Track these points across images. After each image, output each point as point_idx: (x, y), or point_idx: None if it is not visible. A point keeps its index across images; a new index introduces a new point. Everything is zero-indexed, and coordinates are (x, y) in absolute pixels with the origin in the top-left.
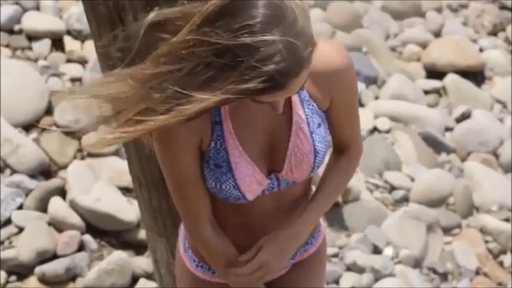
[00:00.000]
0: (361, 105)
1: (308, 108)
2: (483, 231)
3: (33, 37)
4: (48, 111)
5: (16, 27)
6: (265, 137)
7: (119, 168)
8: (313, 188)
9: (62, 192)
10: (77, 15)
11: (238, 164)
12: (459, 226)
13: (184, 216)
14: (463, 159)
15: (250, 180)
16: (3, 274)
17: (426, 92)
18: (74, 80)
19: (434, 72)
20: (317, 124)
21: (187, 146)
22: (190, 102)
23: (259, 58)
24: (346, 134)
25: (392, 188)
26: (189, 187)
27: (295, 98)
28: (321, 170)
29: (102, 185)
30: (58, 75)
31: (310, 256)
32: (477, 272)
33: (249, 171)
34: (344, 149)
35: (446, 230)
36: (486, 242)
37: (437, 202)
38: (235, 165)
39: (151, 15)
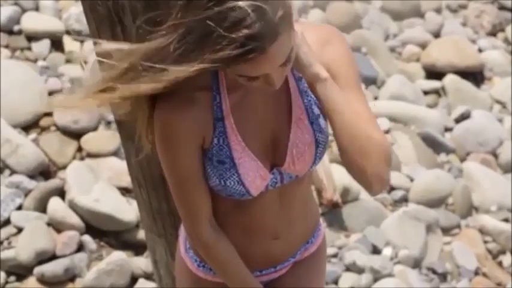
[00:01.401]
0: None
1: (307, 99)
2: (482, 231)
3: (32, 37)
4: (48, 111)
5: (15, 28)
6: (266, 132)
7: (118, 168)
8: (314, 188)
9: (61, 193)
10: (76, 15)
11: (242, 159)
12: (458, 226)
13: (185, 217)
14: (463, 160)
15: (254, 175)
16: (3, 274)
17: (425, 93)
18: (73, 80)
19: (434, 73)
20: (316, 115)
21: (189, 145)
22: (169, 73)
23: (227, 25)
24: None
25: (392, 188)
26: (190, 186)
27: (294, 89)
28: (321, 173)
29: (102, 186)
30: (57, 75)
31: (310, 255)
32: (476, 272)
33: (253, 166)
34: None
35: (446, 230)
36: (485, 242)
37: (436, 202)
38: (239, 161)
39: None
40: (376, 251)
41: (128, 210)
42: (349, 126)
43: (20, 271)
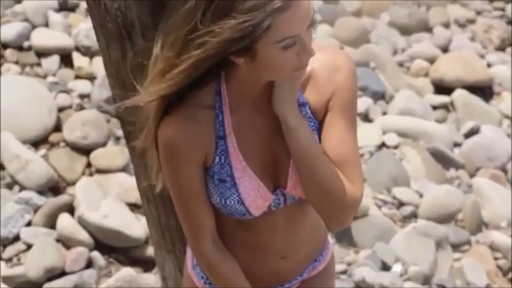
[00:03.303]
0: (369, 120)
1: (309, 125)
2: (492, 247)
3: (42, 53)
4: (57, 127)
5: (25, 44)
6: (268, 153)
7: (127, 184)
8: None
9: (70, 209)
10: (85, 31)
11: (242, 178)
12: (468, 242)
13: (187, 233)
14: (472, 175)
15: (254, 195)
16: None
17: (434, 108)
18: (82, 96)
19: (442, 88)
20: (317, 140)
21: (191, 162)
22: (216, 34)
23: None
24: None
25: (401, 204)
26: (192, 202)
27: None
28: None
29: (110, 202)
30: (67, 91)
31: (318, 273)
32: None
33: (254, 186)
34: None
35: (456, 247)
36: (496, 258)
37: (446, 218)
38: (239, 180)
39: None
40: (385, 267)
41: (136, 226)
42: (316, 176)
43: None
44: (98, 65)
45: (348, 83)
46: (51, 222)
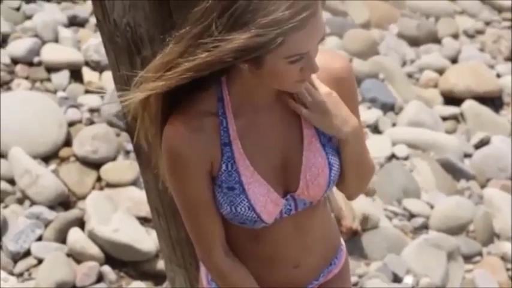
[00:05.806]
0: (379, 132)
1: None
2: (504, 258)
3: (52, 69)
4: (67, 142)
5: (35, 59)
6: (277, 157)
7: (137, 198)
8: (333, 216)
9: (80, 223)
10: (95, 46)
11: (251, 184)
12: (480, 254)
13: (197, 244)
14: (483, 186)
15: (265, 201)
16: None
17: (444, 119)
18: (92, 110)
19: (452, 99)
20: (328, 138)
21: (197, 171)
22: (222, 45)
23: None
24: None
25: (412, 216)
26: (200, 212)
27: None
28: (340, 201)
29: (121, 216)
30: (76, 106)
31: (335, 276)
32: None
33: (263, 191)
34: None
35: (467, 258)
36: (508, 269)
37: (457, 229)
38: (248, 186)
39: None
40: (396, 279)
41: (147, 240)
42: (364, 164)
43: None
44: (107, 80)
45: (348, 72)
46: (61, 237)
